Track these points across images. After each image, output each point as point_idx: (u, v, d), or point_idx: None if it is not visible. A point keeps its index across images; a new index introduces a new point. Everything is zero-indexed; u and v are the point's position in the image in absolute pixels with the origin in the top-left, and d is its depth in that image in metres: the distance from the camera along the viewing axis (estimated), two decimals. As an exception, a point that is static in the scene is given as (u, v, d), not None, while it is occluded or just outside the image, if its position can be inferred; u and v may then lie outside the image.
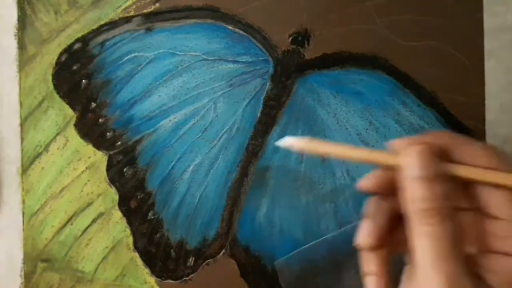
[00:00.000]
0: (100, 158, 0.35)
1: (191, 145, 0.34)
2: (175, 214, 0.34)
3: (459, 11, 0.33)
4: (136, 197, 0.35)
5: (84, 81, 0.35)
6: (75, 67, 0.35)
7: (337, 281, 0.32)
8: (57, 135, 0.35)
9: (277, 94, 0.34)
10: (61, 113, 0.35)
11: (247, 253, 0.34)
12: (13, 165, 0.36)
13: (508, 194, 0.21)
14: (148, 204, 0.35)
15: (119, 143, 0.35)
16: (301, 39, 0.34)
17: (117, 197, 0.35)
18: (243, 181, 0.34)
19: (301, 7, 0.34)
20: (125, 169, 0.35)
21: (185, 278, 0.34)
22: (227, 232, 0.34)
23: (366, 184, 0.23)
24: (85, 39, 0.35)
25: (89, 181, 0.35)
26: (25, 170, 0.35)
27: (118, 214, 0.35)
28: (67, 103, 0.35)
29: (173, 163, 0.34)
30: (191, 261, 0.34)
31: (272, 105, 0.34)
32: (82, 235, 0.35)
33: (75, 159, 0.35)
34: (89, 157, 0.35)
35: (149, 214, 0.34)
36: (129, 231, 0.35)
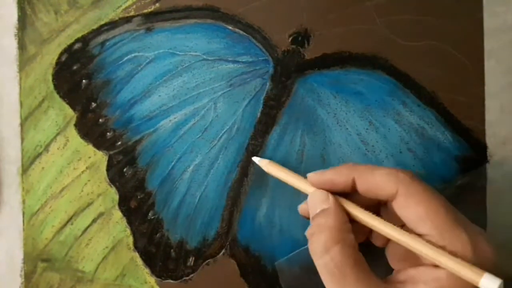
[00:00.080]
0: (100, 158, 0.35)
1: (191, 145, 0.34)
2: (175, 214, 0.34)
3: (459, 11, 0.33)
4: (136, 197, 0.35)
5: (84, 81, 0.35)
6: (75, 67, 0.35)
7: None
8: (57, 135, 0.35)
9: (277, 94, 0.34)
10: (61, 113, 0.35)
11: (247, 253, 0.34)
12: (13, 165, 0.36)
13: (421, 210, 0.23)
14: (148, 204, 0.35)
15: (119, 143, 0.35)
16: (301, 39, 0.34)
17: (117, 197, 0.35)
18: (243, 181, 0.34)
19: (301, 7, 0.34)
20: (125, 169, 0.35)
21: (185, 278, 0.34)
22: (227, 232, 0.34)
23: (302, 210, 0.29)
24: (85, 39, 0.35)
25: (89, 181, 0.35)
26: (25, 170, 0.35)
27: (118, 214, 0.35)
28: (67, 103, 0.35)
29: (173, 163, 0.34)
30: (191, 261, 0.34)
31: (272, 105, 0.34)
32: (82, 235, 0.35)
33: (75, 159, 0.35)
34: (89, 157, 0.35)
35: (149, 214, 0.34)
36: (129, 231, 0.35)
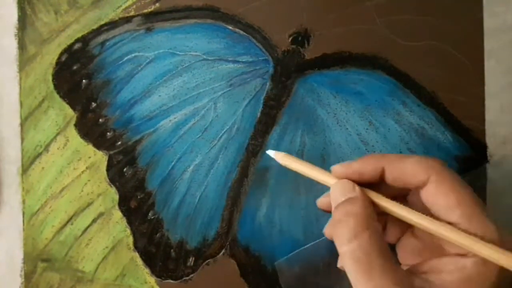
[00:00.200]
0: (100, 158, 0.35)
1: (191, 145, 0.34)
2: (175, 214, 0.34)
3: (459, 11, 0.33)
4: (136, 197, 0.35)
5: (84, 81, 0.35)
6: (75, 67, 0.35)
7: (337, 281, 0.32)
8: (57, 135, 0.35)
9: (277, 94, 0.34)
10: (61, 113, 0.35)
11: (247, 253, 0.34)
12: (13, 165, 0.36)
13: (451, 198, 0.23)
14: (148, 204, 0.35)
15: (119, 143, 0.35)
16: (301, 39, 0.34)
17: (117, 197, 0.35)
18: (243, 181, 0.34)
19: (301, 7, 0.34)
20: (125, 169, 0.35)
21: (185, 278, 0.34)
22: (227, 232, 0.34)
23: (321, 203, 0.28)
24: (85, 39, 0.35)
25: (89, 181, 0.35)
26: (25, 170, 0.35)
27: (118, 214, 0.35)
28: (67, 103, 0.35)
29: (173, 163, 0.34)
30: (191, 261, 0.34)
31: (272, 105, 0.34)
32: (82, 235, 0.35)
33: (75, 159, 0.35)
34: (89, 157, 0.35)
35: (149, 214, 0.34)
36: (129, 231, 0.35)
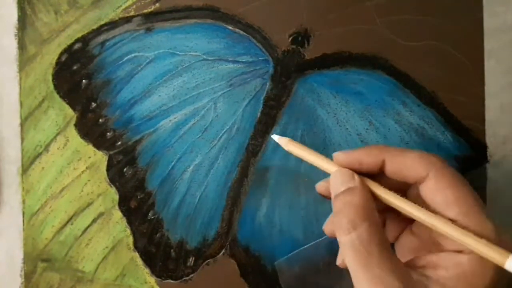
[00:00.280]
0: (100, 158, 0.35)
1: (191, 145, 0.34)
2: (175, 214, 0.34)
3: (459, 11, 0.33)
4: (136, 197, 0.35)
5: (84, 81, 0.35)
6: (75, 67, 0.35)
7: (337, 281, 0.32)
8: (57, 135, 0.35)
9: (277, 94, 0.34)
10: (61, 113, 0.35)
11: (247, 253, 0.34)
12: (13, 165, 0.36)
13: (450, 194, 0.23)
14: (148, 204, 0.35)
15: (119, 143, 0.35)
16: (301, 39, 0.34)
17: (117, 197, 0.35)
18: (243, 181, 0.34)
19: (301, 7, 0.34)
20: (125, 169, 0.35)
21: (185, 278, 0.34)
22: (227, 232, 0.34)
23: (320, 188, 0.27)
24: (85, 39, 0.35)
25: (89, 181, 0.35)
26: (25, 170, 0.35)
27: (118, 214, 0.35)
28: (67, 103, 0.35)
29: (173, 163, 0.34)
30: (191, 261, 0.34)
31: (272, 105, 0.34)
32: (82, 235, 0.35)
33: (75, 159, 0.35)
34: (89, 157, 0.35)
35: (149, 214, 0.34)
36: (129, 231, 0.35)
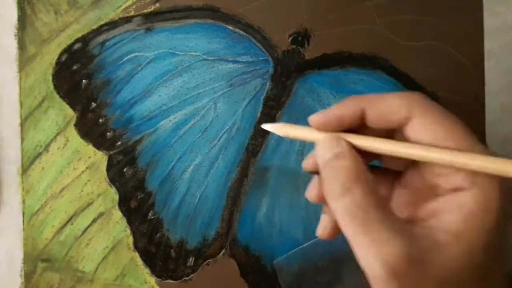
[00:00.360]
0: (100, 158, 0.35)
1: (191, 145, 0.34)
2: (175, 214, 0.34)
3: (459, 11, 0.33)
4: (136, 197, 0.35)
5: (84, 81, 0.35)
6: (75, 67, 0.35)
7: (336, 279, 0.32)
8: (57, 135, 0.35)
9: (277, 94, 0.34)
10: (61, 113, 0.35)
11: (247, 253, 0.34)
12: (13, 165, 0.36)
13: (438, 130, 0.21)
14: (148, 204, 0.35)
15: (119, 143, 0.35)
16: (301, 39, 0.34)
17: (117, 197, 0.35)
18: (243, 181, 0.34)
19: (301, 7, 0.34)
20: (125, 169, 0.35)
21: (185, 278, 0.34)
22: (227, 232, 0.34)
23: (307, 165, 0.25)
24: (85, 39, 0.35)
25: (89, 181, 0.35)
26: (25, 170, 0.35)
27: (118, 214, 0.35)
28: (67, 103, 0.35)
29: (173, 163, 0.34)
30: (191, 261, 0.34)
31: (272, 105, 0.34)
32: (82, 235, 0.35)
33: (75, 159, 0.35)
34: (89, 157, 0.35)
35: (149, 214, 0.35)
36: (129, 231, 0.35)
